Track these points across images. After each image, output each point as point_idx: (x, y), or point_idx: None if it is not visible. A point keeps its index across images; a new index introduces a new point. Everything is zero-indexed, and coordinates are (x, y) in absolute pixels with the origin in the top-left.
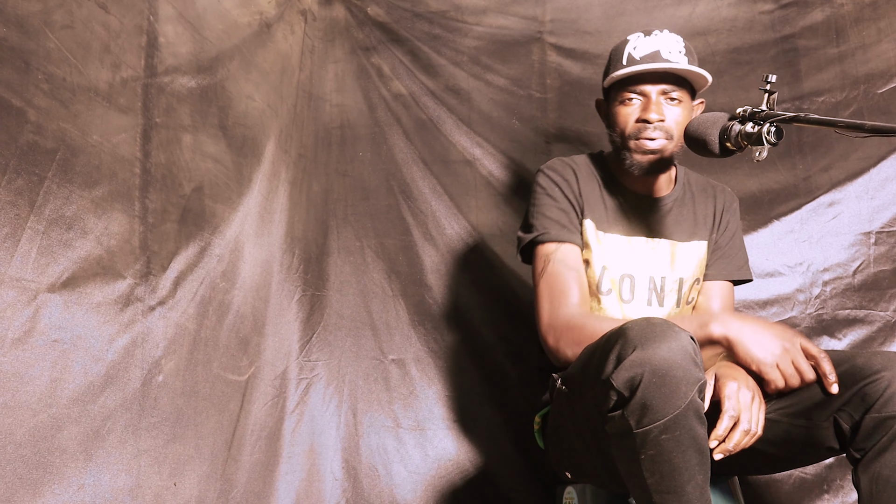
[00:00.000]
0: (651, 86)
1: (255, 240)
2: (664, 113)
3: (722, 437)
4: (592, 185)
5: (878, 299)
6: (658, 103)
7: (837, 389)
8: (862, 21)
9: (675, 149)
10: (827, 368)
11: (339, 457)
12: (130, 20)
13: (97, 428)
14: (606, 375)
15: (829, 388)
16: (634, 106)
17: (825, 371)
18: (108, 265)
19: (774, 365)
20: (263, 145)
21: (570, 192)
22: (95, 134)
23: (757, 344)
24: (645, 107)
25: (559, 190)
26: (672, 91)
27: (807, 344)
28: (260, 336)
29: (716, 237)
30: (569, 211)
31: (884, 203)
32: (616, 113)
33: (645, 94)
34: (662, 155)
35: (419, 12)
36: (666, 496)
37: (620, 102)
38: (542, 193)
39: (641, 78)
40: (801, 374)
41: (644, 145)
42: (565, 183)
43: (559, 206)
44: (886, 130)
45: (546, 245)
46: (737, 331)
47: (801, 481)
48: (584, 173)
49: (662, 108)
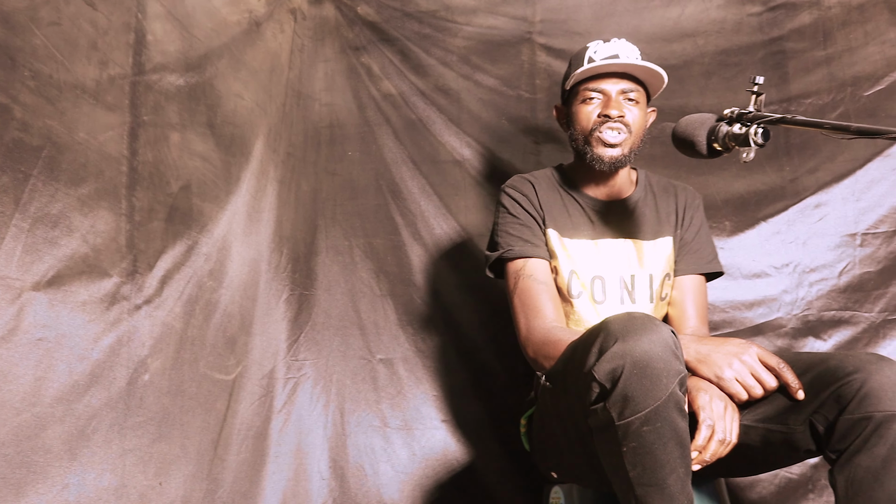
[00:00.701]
0: (612, 85)
1: (243, 239)
2: (624, 111)
3: (701, 446)
4: (554, 196)
5: (863, 300)
6: (618, 101)
7: (804, 395)
8: (849, 24)
9: (633, 146)
10: (788, 377)
11: (327, 456)
12: (118, 17)
13: (82, 427)
14: (588, 368)
15: (794, 395)
16: (595, 104)
17: (787, 380)
18: (94, 263)
19: (734, 379)
20: (252, 144)
21: (531, 206)
22: (82, 131)
23: (715, 362)
24: (605, 104)
25: (520, 206)
26: (631, 91)
27: (765, 355)
28: (247, 335)
29: (681, 233)
30: (531, 226)
31: (869, 205)
32: (577, 111)
33: (605, 92)
34: (623, 150)
35: (409, 12)
36: (648, 489)
37: (582, 101)
38: (504, 213)
39: (602, 77)
40: (761, 383)
41: (606, 139)
42: (525, 198)
43: (521, 222)
44: (872, 133)
45: (515, 262)
46: (694, 353)
47: (787, 481)
48: (544, 185)
49: (622, 105)
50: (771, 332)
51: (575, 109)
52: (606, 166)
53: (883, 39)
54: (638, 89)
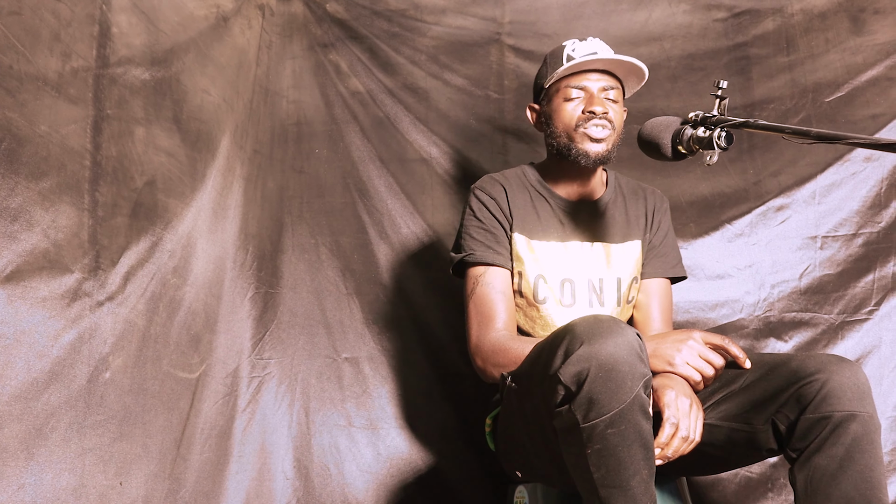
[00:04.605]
0: (593, 83)
1: (209, 236)
2: (607, 107)
3: (664, 443)
4: (524, 197)
5: (823, 302)
6: (600, 98)
7: (750, 364)
8: (811, 31)
9: (615, 143)
10: (734, 350)
11: (291, 456)
12: (82, 9)
13: (40, 426)
14: (554, 370)
15: (742, 365)
16: (577, 101)
17: (734, 353)
18: (54, 259)
19: (685, 363)
20: (218, 140)
21: (499, 210)
22: (43, 124)
23: (664, 353)
24: (589, 101)
25: (487, 211)
26: (611, 89)
27: (708, 336)
28: (212, 333)
29: (649, 237)
30: (496, 232)
31: (829, 209)
32: (558, 108)
33: (587, 89)
34: (607, 146)
35: (378, 10)
36: (611, 490)
37: (564, 99)
38: (471, 215)
39: (584, 74)
40: (710, 363)
41: (592, 134)
42: (493, 202)
43: (486, 227)
44: (831, 138)
45: (475, 268)
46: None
47: (747, 480)
48: (515, 186)
49: (605, 103)
50: (733, 332)
51: (555, 107)
52: (591, 162)
53: (843, 47)
54: (618, 87)
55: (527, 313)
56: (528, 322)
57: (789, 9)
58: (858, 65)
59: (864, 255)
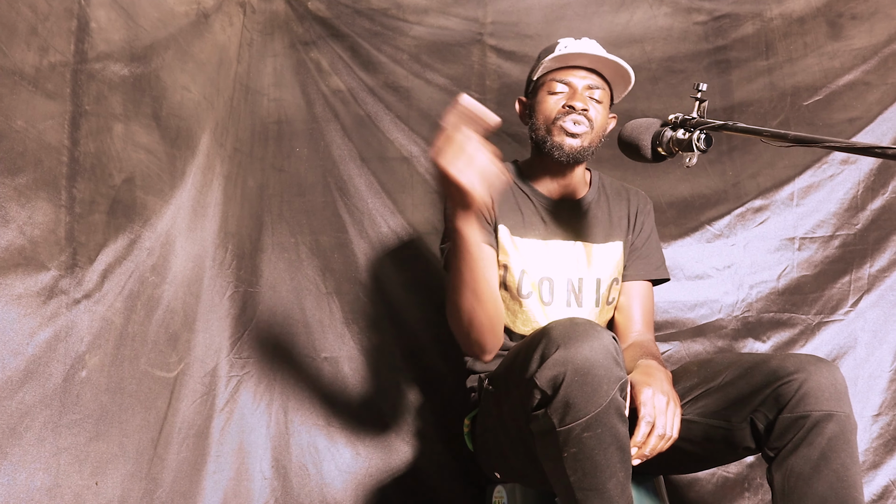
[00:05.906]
0: (579, 79)
1: (188, 234)
2: (589, 105)
3: (640, 442)
4: (507, 193)
5: (801, 303)
6: (583, 95)
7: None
8: (790, 35)
9: (593, 143)
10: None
11: (269, 455)
12: (60, 3)
13: (14, 425)
14: (530, 374)
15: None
16: (560, 95)
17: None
18: (30, 256)
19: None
20: (198, 138)
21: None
22: (20, 119)
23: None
24: (571, 96)
25: None
26: (596, 89)
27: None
28: (190, 332)
29: (632, 238)
30: (480, 217)
31: (807, 210)
32: (541, 101)
33: (572, 85)
34: (583, 142)
35: (360, 9)
36: (588, 493)
37: (548, 92)
38: None
39: (571, 69)
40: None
41: (568, 128)
42: None
43: None
44: (808, 141)
45: None
46: None
47: (724, 479)
48: None
49: (587, 100)
50: (712, 332)
51: (539, 99)
52: (565, 156)
53: (822, 52)
54: (604, 88)
55: (509, 307)
56: (509, 316)
57: (768, 13)
58: (836, 69)
59: (841, 257)
